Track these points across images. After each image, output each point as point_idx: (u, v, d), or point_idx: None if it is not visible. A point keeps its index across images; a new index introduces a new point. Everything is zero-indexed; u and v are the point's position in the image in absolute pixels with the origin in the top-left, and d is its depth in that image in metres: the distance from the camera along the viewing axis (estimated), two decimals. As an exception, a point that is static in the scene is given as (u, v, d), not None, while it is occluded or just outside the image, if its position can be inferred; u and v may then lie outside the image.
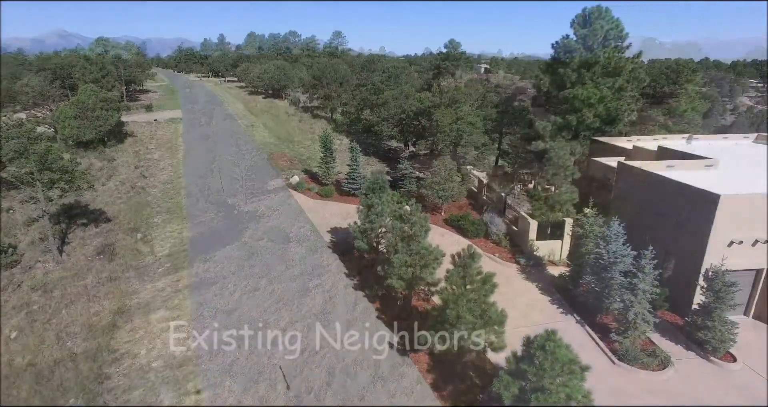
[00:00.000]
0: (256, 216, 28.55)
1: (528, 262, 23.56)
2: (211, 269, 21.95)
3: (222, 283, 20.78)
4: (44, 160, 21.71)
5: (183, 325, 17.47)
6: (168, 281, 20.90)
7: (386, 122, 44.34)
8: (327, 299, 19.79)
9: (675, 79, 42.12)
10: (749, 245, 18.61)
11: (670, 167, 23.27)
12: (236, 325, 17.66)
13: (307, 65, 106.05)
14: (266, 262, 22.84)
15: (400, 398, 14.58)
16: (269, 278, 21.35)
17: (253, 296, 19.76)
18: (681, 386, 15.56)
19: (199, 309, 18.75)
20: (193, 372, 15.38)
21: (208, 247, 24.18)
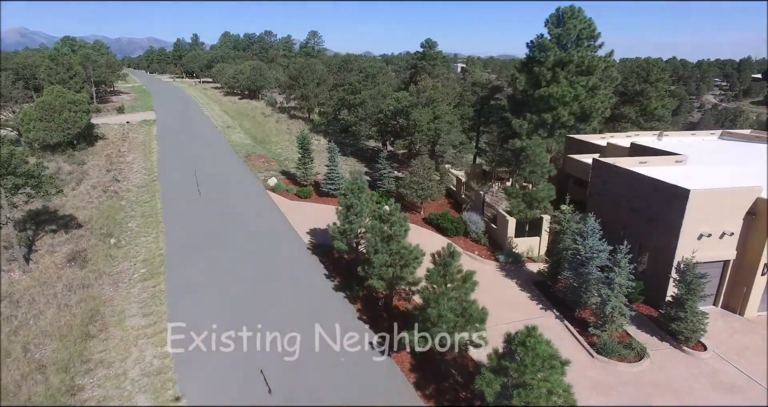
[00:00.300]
0: (233, 219, 28.10)
1: (507, 259, 23.80)
2: (189, 273, 21.49)
3: (200, 287, 20.36)
4: (7, 164, 20.89)
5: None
6: (144, 286, 20.37)
7: (364, 121, 44.24)
8: (306, 301, 19.59)
9: (645, 77, 43.20)
10: (717, 238, 19.19)
11: (643, 163, 23.84)
12: (212, 329, 17.30)
13: (283, 65, 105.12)
14: (244, 265, 22.49)
15: (383, 398, 14.51)
16: (248, 281, 21.03)
17: (232, 300, 19.41)
18: (656, 376, 15.94)
19: (177, 314, 18.30)
20: (172, 379, 15.01)
21: (186, 251, 23.68)
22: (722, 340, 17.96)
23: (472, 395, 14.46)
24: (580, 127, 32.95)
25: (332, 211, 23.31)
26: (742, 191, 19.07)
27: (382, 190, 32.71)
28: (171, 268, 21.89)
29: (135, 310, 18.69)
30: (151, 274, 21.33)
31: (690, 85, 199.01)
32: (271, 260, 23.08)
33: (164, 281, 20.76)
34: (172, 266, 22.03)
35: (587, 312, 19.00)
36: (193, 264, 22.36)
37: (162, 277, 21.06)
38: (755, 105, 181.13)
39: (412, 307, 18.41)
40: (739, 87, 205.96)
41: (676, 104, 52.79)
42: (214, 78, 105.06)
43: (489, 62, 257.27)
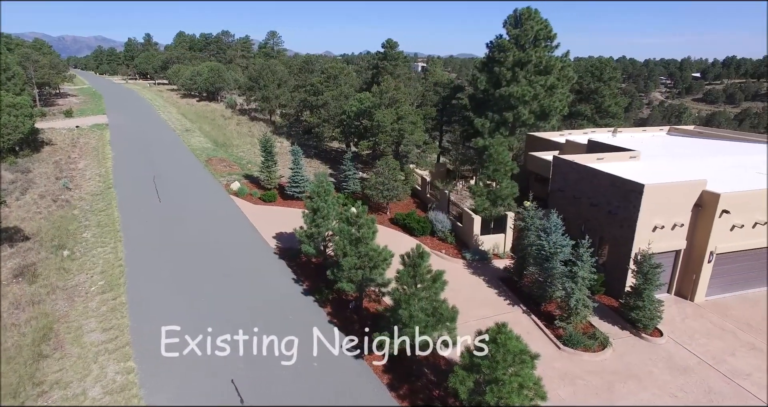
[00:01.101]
0: (197, 225, 27.28)
1: (474, 257, 24.17)
2: (152, 283, 20.68)
3: (164, 298, 19.64)
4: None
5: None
6: (103, 299, 19.43)
7: (327, 123, 43.92)
8: (275, 307, 19.26)
9: (599, 76, 44.93)
10: (669, 229, 20.17)
11: (600, 159, 24.78)
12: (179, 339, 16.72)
13: (242, 66, 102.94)
14: (210, 272, 21.87)
15: (356, 401, 14.44)
16: (215, 289, 20.45)
17: (198, 309, 18.82)
18: (618, 364, 16.61)
19: (140, 327, 17.58)
20: (137, 395, 14.40)
21: (148, 261, 22.78)
22: (676, 325, 18.94)
23: (445, 393, 14.60)
24: (540, 125, 33.88)
25: (298, 214, 23.01)
26: (690, 184, 20.12)
27: (348, 191, 32.56)
28: (132, 279, 21.01)
29: (93, 325, 17.81)
30: (110, 286, 20.40)
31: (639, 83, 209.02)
32: (238, 267, 22.55)
33: (125, 293, 19.90)
34: (133, 277, 21.14)
35: (553, 305, 19.56)
36: (155, 274, 21.55)
37: (122, 289, 20.17)
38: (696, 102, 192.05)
39: (383, 308, 18.42)
40: (681, 85, 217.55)
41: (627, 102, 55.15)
42: (170, 80, 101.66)
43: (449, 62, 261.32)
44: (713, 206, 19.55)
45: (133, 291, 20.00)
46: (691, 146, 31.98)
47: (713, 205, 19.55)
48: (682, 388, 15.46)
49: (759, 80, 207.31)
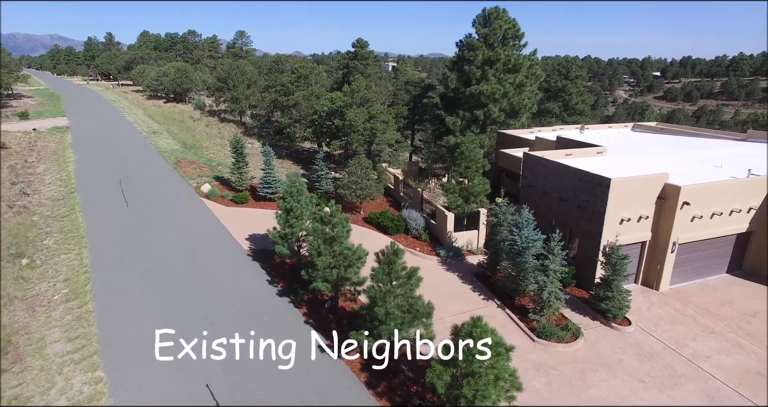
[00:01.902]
0: (167, 229, 26.58)
1: (448, 253, 24.37)
2: (121, 290, 20.01)
3: (134, 304, 19.04)
4: None
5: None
6: (68, 308, 18.68)
7: (298, 123, 43.52)
8: (250, 309, 18.93)
9: (566, 74, 46.03)
10: (636, 222, 20.83)
11: (569, 155, 25.37)
12: (151, 345, 16.27)
13: (210, 67, 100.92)
14: (182, 276, 21.34)
15: (335, 400, 14.35)
16: (187, 293, 19.96)
17: (170, 314, 18.33)
18: (590, 353, 17.05)
19: (109, 335, 16.99)
20: (107, 405, 13.90)
21: (116, 267, 22.04)
22: (643, 314, 19.58)
23: (423, 388, 14.66)
24: (510, 122, 34.44)
25: (271, 215, 22.72)
26: (653, 178, 20.82)
27: (321, 191, 32.35)
28: (99, 286, 20.29)
29: (57, 335, 17.10)
30: (75, 294, 19.63)
31: (604, 81, 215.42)
32: (210, 270, 22.07)
33: (92, 300, 19.20)
34: (100, 284, 20.42)
35: (526, 299, 19.90)
36: (124, 280, 20.86)
37: (89, 296, 19.45)
38: (657, 100, 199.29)
39: (358, 307, 18.37)
40: (643, 84, 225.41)
41: (593, 99, 56.64)
42: (134, 81, 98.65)
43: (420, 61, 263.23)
44: (675, 198, 20.29)
45: (101, 298, 19.33)
46: (654, 141, 33.13)
47: (675, 197, 20.29)
48: (649, 373, 15.99)
49: (712, 79, 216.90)
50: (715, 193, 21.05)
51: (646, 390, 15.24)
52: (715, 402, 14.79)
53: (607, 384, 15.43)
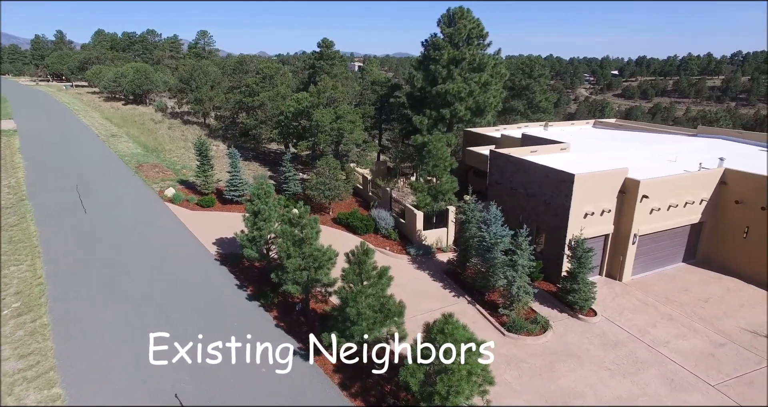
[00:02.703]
0: (129, 235, 25.63)
1: (418, 252, 24.49)
2: (80, 301, 19.13)
3: (95, 315, 18.25)
4: None
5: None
6: (19, 323, 17.68)
7: (264, 124, 42.84)
8: (219, 314, 18.49)
9: (530, 73, 47.05)
10: (599, 215, 21.48)
11: (534, 152, 25.90)
12: (114, 359, 15.66)
13: (171, 68, 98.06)
14: (146, 284, 20.61)
15: (309, 403, 14.17)
16: (152, 300, 19.29)
17: (134, 323, 17.67)
18: (558, 344, 17.47)
19: (67, 349, 16.22)
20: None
21: (73, 277, 21.05)
22: (607, 304, 20.22)
23: (397, 387, 14.66)
24: (476, 121, 34.90)
25: (238, 218, 22.24)
26: (614, 173, 21.53)
27: (289, 193, 31.95)
28: (55, 298, 19.33)
29: (8, 352, 16.08)
30: (27, 307, 18.62)
31: (566, 80, 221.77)
32: (176, 276, 21.43)
33: (47, 313, 18.26)
34: (56, 296, 19.45)
35: (496, 294, 20.21)
36: (84, 290, 19.96)
37: (43, 309, 18.49)
38: (616, 97, 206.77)
39: (330, 308, 18.22)
40: (603, 82, 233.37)
41: (556, 97, 58.08)
42: (89, 82, 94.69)
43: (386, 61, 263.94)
44: (635, 191, 21.04)
45: (57, 311, 18.42)
46: (614, 137, 34.27)
47: (635, 191, 21.04)
48: (615, 361, 16.53)
49: (665, 78, 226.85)
50: (671, 186, 21.95)
51: (612, 377, 15.74)
52: (673, 384, 15.42)
53: (576, 374, 15.85)
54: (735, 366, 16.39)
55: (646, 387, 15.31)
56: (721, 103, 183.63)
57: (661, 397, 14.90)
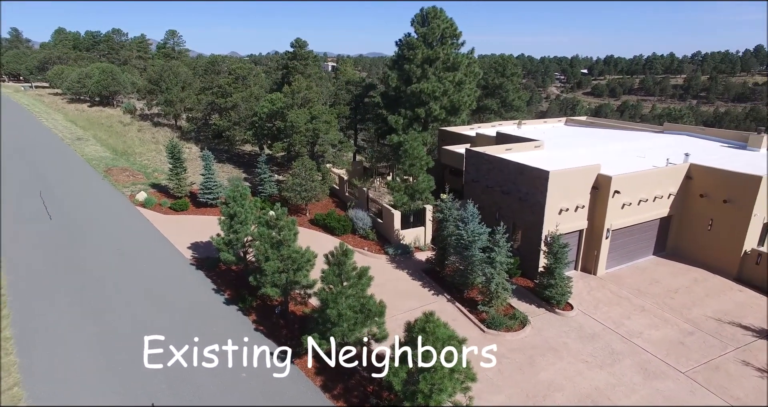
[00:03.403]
0: (99, 241, 24.81)
1: (396, 251, 24.52)
2: (47, 312, 18.41)
3: (63, 325, 17.60)
4: None
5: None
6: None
7: (238, 125, 42.17)
8: (195, 320, 18.09)
9: (502, 72, 47.72)
10: (573, 211, 21.93)
11: (508, 150, 26.27)
12: (84, 371, 15.14)
13: (140, 68, 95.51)
14: (118, 292, 20.00)
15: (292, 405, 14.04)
16: (125, 307, 18.73)
17: (106, 333, 17.12)
18: (537, 339, 17.79)
19: (34, 363, 15.58)
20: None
21: (39, 287, 20.18)
22: (583, 298, 20.68)
23: (379, 387, 14.65)
24: (451, 120, 35.20)
25: (214, 222, 21.82)
26: (587, 169, 22.02)
27: (265, 195, 31.54)
28: (18, 310, 18.45)
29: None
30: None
31: (537, 78, 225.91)
32: (149, 282, 20.87)
33: (9, 326, 17.40)
34: (19, 308, 18.58)
35: (475, 291, 20.42)
36: (51, 301, 19.18)
37: (5, 322, 17.58)
38: (586, 96, 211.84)
39: (309, 310, 18.08)
40: (573, 81, 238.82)
41: (529, 96, 58.95)
42: (51, 82, 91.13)
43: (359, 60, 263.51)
44: (607, 187, 21.57)
45: (21, 324, 17.59)
46: (585, 134, 35.08)
47: (607, 186, 21.57)
48: (592, 353, 16.92)
49: (632, 77, 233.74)
50: (641, 181, 22.60)
51: (589, 369, 16.10)
52: (647, 373, 15.88)
53: (555, 367, 16.15)
54: (703, 353, 17.07)
55: (621, 377, 15.73)
56: (683, 101, 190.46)
57: (635, 386, 15.33)
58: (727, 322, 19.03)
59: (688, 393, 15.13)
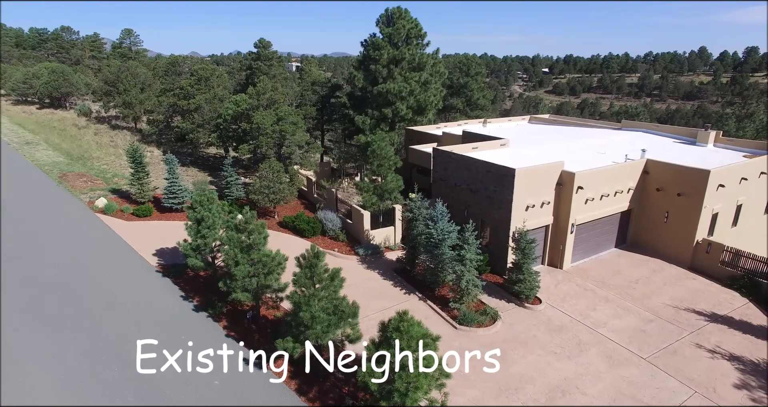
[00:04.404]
0: (55, 252, 23.70)
1: (367, 252, 24.55)
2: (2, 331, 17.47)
3: (15, 344, 16.74)
4: None
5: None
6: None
7: (202, 128, 41.19)
8: (163, 329, 17.58)
9: (467, 71, 48.48)
10: (539, 207, 22.54)
11: (475, 148, 26.73)
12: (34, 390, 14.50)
13: (94, 69, 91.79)
14: (78, 304, 19.16)
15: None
16: (87, 322, 17.98)
17: (70, 347, 16.40)
18: (508, 333, 18.20)
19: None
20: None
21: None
22: (551, 292, 21.30)
23: (355, 388, 14.65)
24: (417, 119, 35.51)
25: (179, 227, 21.24)
26: (552, 166, 22.68)
27: (232, 198, 30.95)
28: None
29: None
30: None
31: (501, 77, 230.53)
32: (114, 292, 20.10)
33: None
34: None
35: (446, 289, 20.68)
36: (5, 319, 18.21)
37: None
38: (548, 94, 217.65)
39: (282, 314, 17.90)
40: (535, 79, 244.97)
41: (493, 94, 60.20)
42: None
43: (324, 61, 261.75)
44: (571, 183, 22.28)
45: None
46: (549, 132, 36.09)
47: (571, 183, 22.28)
48: (560, 345, 17.47)
49: (590, 75, 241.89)
50: (602, 177, 23.45)
51: (558, 360, 16.60)
52: (612, 361, 16.53)
53: (526, 360, 16.57)
54: (661, 339, 17.96)
55: (588, 366, 16.30)
56: (638, 98, 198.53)
57: (602, 374, 15.93)
58: (682, 309, 20.05)
59: (649, 377, 15.85)
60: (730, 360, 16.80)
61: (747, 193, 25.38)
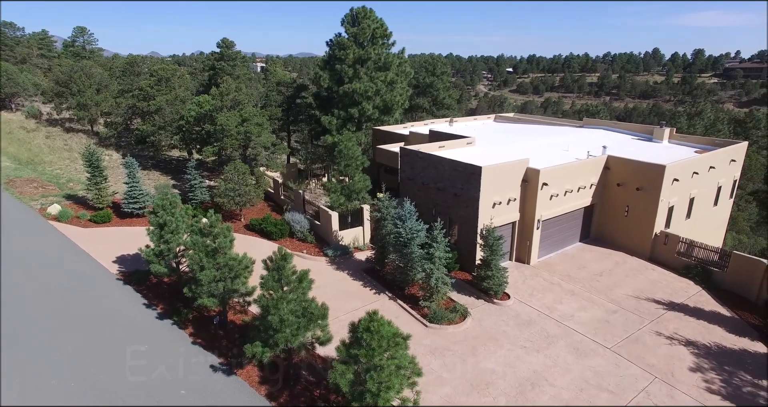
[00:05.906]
0: (4, 265, 22.42)
1: (336, 252, 24.36)
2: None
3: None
4: None
5: None
6: None
7: (163, 130, 39.92)
8: (126, 339, 16.90)
9: (433, 71, 48.87)
10: (506, 204, 22.91)
11: (442, 147, 26.94)
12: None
13: (43, 68, 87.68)
14: (31, 318, 18.19)
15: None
16: (42, 336, 17.07)
17: (23, 363, 15.55)
18: (478, 330, 18.39)
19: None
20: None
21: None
22: (519, 287, 21.67)
23: (326, 390, 14.48)
24: (384, 119, 35.50)
25: (141, 233, 20.48)
26: (517, 163, 23.08)
27: (196, 202, 30.13)
28: None
29: None
30: None
31: (466, 77, 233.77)
32: (71, 304, 19.18)
33: None
34: None
35: (415, 287, 20.74)
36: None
37: None
38: (512, 93, 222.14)
39: (250, 318, 17.53)
40: (499, 79, 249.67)
41: (459, 94, 60.87)
42: None
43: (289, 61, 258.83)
44: (536, 180, 22.74)
45: None
46: (514, 130, 36.79)
47: (536, 179, 22.74)
48: (529, 339, 17.79)
49: (553, 75, 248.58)
50: (566, 173, 24.05)
51: (528, 354, 16.90)
52: (578, 352, 16.96)
53: (496, 355, 16.79)
54: (624, 329, 18.57)
55: (557, 359, 16.67)
56: (598, 97, 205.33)
57: (569, 365, 16.31)
58: (643, 299, 20.81)
59: (614, 366, 16.35)
60: (686, 345, 17.60)
61: (699, 186, 26.58)
